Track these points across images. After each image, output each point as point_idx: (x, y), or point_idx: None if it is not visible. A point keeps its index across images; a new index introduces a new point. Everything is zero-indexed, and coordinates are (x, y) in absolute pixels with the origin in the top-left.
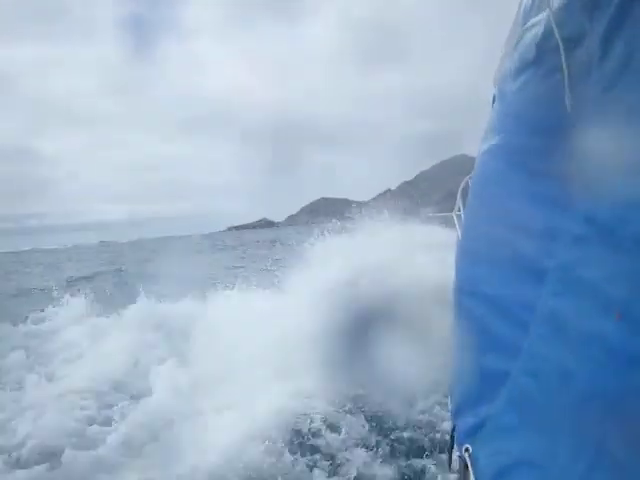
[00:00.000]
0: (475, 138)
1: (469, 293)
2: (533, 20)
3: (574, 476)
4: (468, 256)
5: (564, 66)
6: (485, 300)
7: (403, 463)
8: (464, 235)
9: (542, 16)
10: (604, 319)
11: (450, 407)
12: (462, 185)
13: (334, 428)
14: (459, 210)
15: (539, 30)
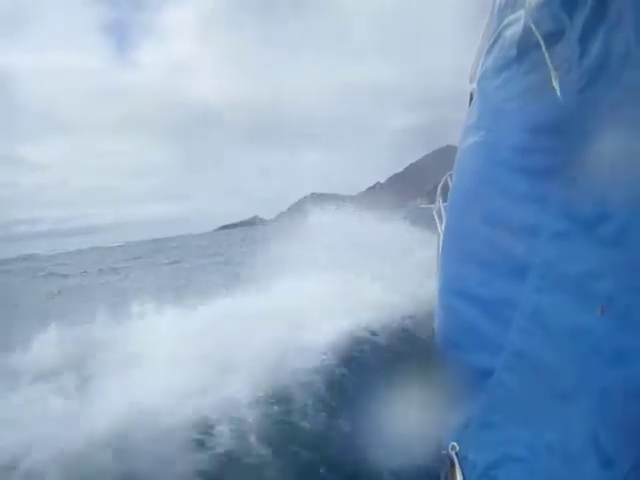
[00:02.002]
0: (459, 129)
1: (454, 292)
2: (510, 18)
3: (561, 469)
4: (452, 254)
5: (548, 61)
6: (469, 299)
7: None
8: (447, 232)
9: (520, 13)
10: (587, 314)
11: (436, 407)
12: (442, 182)
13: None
14: (439, 206)
15: (518, 27)
